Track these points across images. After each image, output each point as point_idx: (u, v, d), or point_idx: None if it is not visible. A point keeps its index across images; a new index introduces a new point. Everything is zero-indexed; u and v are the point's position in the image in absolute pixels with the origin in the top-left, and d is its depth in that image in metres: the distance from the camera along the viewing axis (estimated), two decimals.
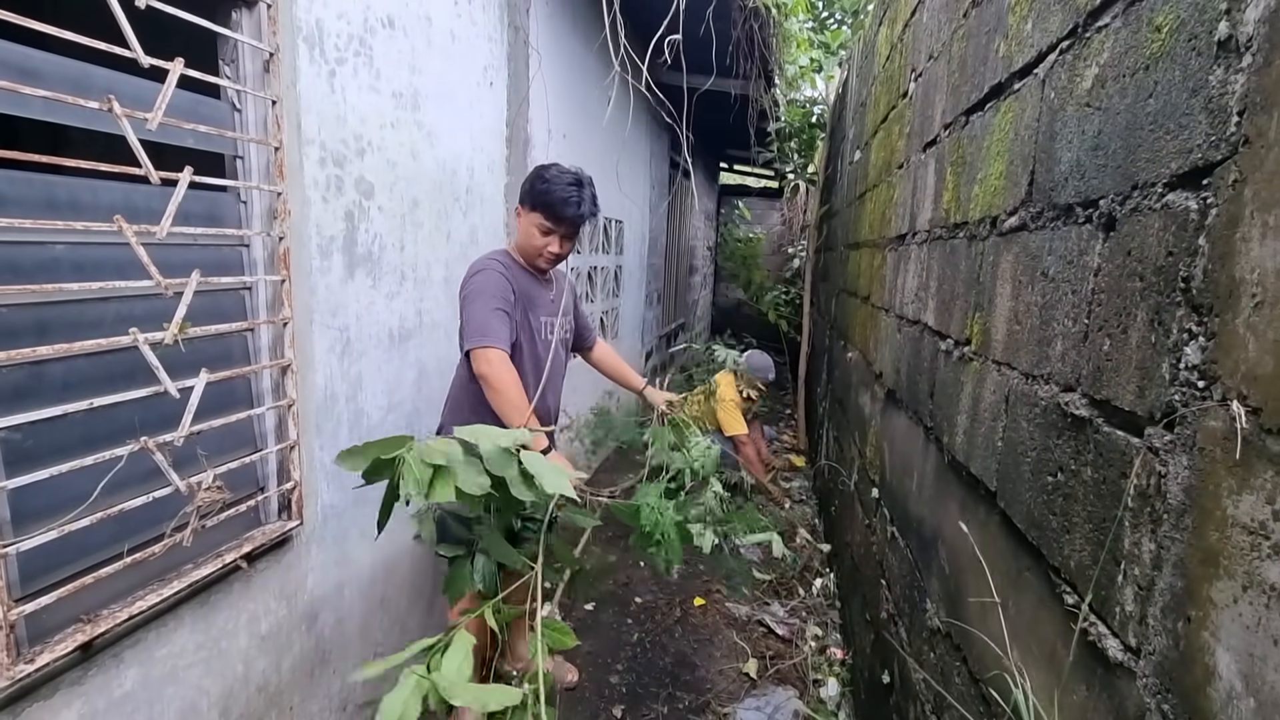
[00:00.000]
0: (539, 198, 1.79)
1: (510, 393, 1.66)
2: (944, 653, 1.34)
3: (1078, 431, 0.84)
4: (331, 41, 1.62)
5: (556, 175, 1.80)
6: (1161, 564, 0.65)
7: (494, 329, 1.69)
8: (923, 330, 1.67)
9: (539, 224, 1.82)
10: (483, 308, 1.72)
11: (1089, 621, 0.78)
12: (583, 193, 1.80)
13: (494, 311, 1.72)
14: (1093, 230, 0.84)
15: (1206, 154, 0.62)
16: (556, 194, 1.78)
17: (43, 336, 1.08)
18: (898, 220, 2.11)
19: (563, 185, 1.78)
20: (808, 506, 4.02)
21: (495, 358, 1.67)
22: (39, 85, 1.02)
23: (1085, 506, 0.81)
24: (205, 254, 1.38)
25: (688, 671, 2.44)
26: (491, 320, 1.70)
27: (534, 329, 1.89)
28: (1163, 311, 0.67)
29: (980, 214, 1.28)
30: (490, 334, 1.68)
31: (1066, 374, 0.88)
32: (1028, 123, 1.07)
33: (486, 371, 1.67)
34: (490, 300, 1.73)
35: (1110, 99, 0.81)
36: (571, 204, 1.79)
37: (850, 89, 3.78)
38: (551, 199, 1.78)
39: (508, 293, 1.77)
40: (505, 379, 1.66)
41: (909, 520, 1.70)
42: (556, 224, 1.81)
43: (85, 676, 1.16)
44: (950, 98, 1.55)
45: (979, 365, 1.23)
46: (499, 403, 1.67)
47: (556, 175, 1.80)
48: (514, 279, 1.82)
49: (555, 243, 1.85)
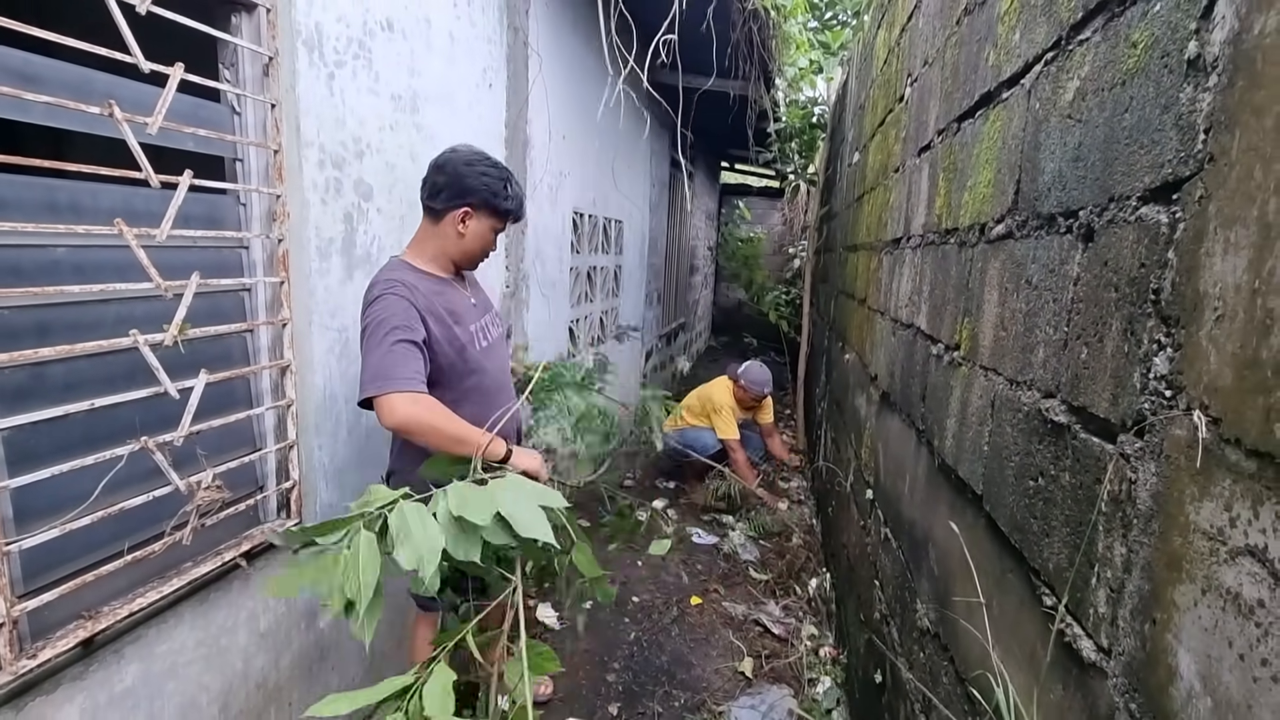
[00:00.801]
0: (499, 201, 1.61)
1: (441, 427, 1.41)
2: (933, 653, 1.36)
3: (1057, 437, 0.85)
4: (330, 45, 1.64)
5: (485, 168, 1.61)
6: (1131, 567, 0.67)
7: (394, 370, 1.41)
8: (916, 334, 1.69)
9: (491, 226, 1.66)
10: (378, 346, 1.43)
11: (1065, 622, 0.79)
12: (506, 171, 1.65)
13: (393, 348, 1.43)
14: (1073, 240, 0.85)
15: (1176, 169, 0.64)
16: (515, 196, 1.66)
17: (45, 338, 1.10)
18: (893, 224, 2.13)
19: (498, 177, 1.62)
20: (806, 507, 4.04)
21: (399, 404, 1.39)
22: (40, 91, 1.04)
23: (1063, 510, 0.83)
24: (205, 256, 1.40)
25: (684, 670, 2.46)
26: (388, 360, 1.42)
27: (465, 342, 1.63)
28: (1135, 322, 0.69)
29: (970, 220, 1.29)
30: (391, 377, 1.41)
31: (1047, 381, 0.89)
32: (1015, 132, 1.08)
33: (397, 423, 1.40)
34: (386, 335, 1.44)
35: (1090, 111, 0.83)
36: (518, 193, 1.67)
37: (850, 91, 3.80)
38: (512, 203, 1.65)
39: (411, 318, 1.48)
40: (424, 419, 1.41)
41: (901, 522, 1.71)
42: (509, 220, 1.69)
43: (87, 672, 1.18)
44: (943, 104, 1.57)
45: (967, 370, 1.25)
46: (436, 444, 1.42)
47: (485, 168, 1.61)
48: (423, 296, 1.53)
49: (494, 241, 1.72)
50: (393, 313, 1.46)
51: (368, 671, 2.04)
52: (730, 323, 11.07)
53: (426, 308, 1.53)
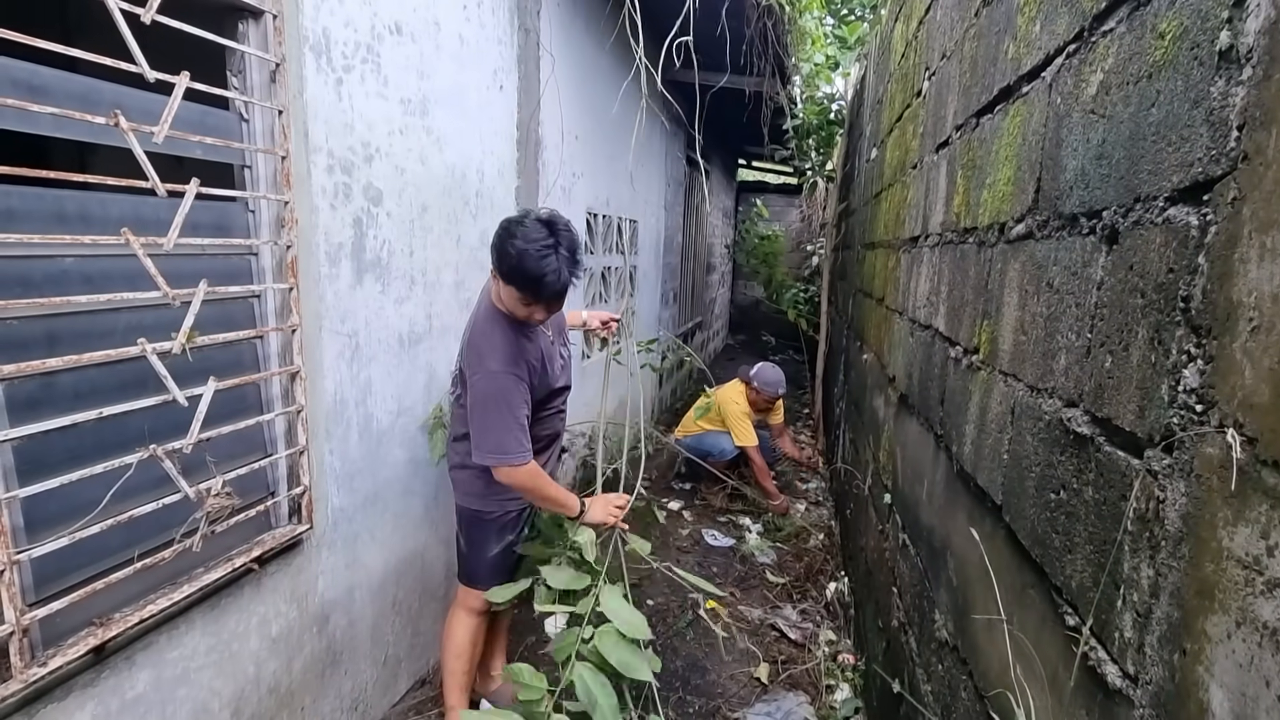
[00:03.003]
0: (513, 273, 1.57)
1: (539, 492, 1.74)
2: (951, 666, 1.32)
3: (1080, 449, 0.81)
4: (339, 50, 1.64)
5: (525, 245, 1.55)
6: (1159, 592, 0.63)
7: (513, 447, 1.67)
8: (934, 335, 1.64)
9: (518, 298, 1.63)
10: (500, 426, 1.67)
11: (1089, 645, 0.75)
12: (559, 256, 1.57)
13: (512, 429, 1.67)
14: (1096, 242, 0.81)
15: (1207, 168, 0.59)
16: (530, 270, 1.55)
17: (53, 348, 1.11)
18: (911, 221, 2.07)
19: (535, 257, 1.54)
20: (824, 508, 3.98)
21: (520, 473, 1.69)
22: (47, 102, 1.05)
23: (1087, 527, 0.79)
24: (214, 263, 1.40)
25: (698, 675, 2.44)
26: (508, 439, 1.66)
27: (549, 377, 1.83)
28: (1163, 330, 0.65)
29: (989, 220, 1.25)
30: (509, 452, 1.67)
31: (1070, 389, 0.85)
32: (1035, 128, 1.04)
33: (511, 483, 1.71)
34: (506, 416, 1.67)
35: (1114, 106, 0.78)
36: (550, 280, 1.57)
37: (868, 85, 3.73)
38: (527, 275, 1.56)
39: (524, 397, 1.71)
40: (527, 484, 1.72)
41: (920, 528, 1.67)
42: (536, 300, 1.63)
43: (98, 679, 1.19)
44: (962, 98, 1.52)
45: (986, 375, 1.20)
46: (535, 500, 1.80)
47: (525, 245, 1.55)
48: (521, 360, 1.70)
49: (539, 311, 1.67)
50: (510, 392, 1.69)
51: (381, 676, 2.04)
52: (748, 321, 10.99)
53: (529, 370, 1.74)
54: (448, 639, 1.93)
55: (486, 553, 1.85)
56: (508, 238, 1.58)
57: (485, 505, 1.84)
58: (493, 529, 1.85)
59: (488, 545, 1.85)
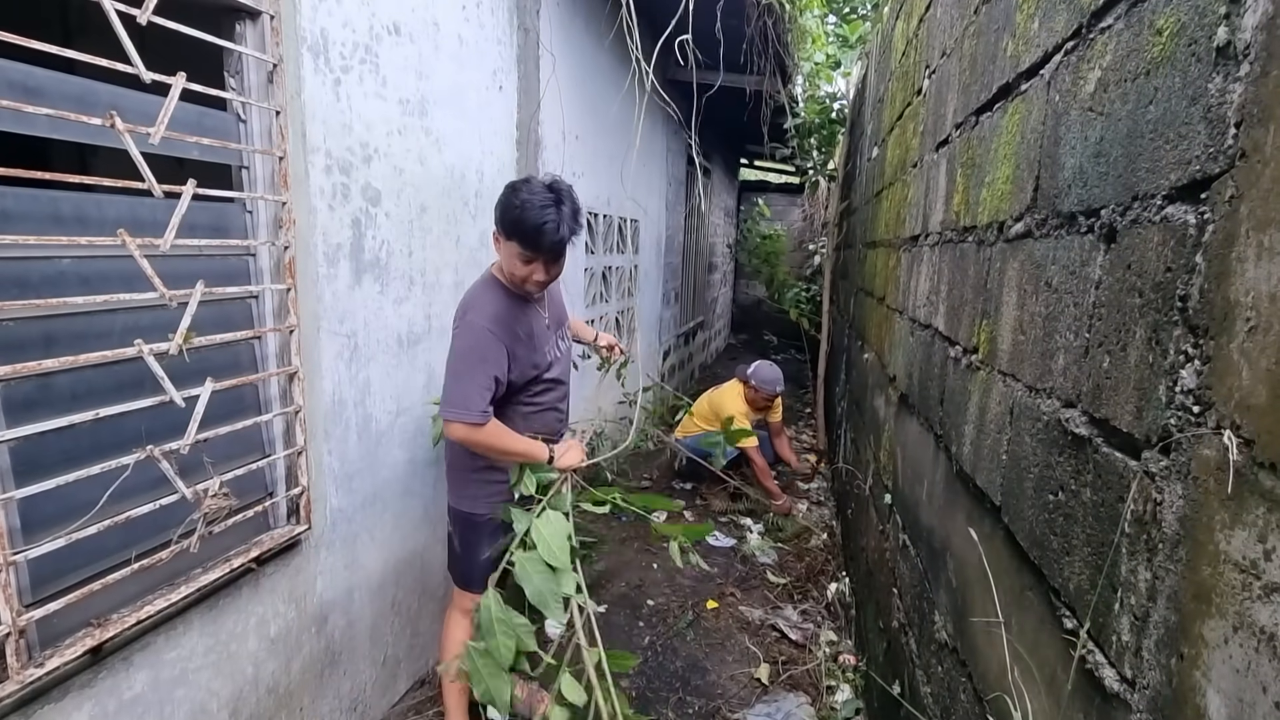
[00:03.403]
0: (513, 226, 1.60)
1: (494, 446, 1.68)
2: (950, 668, 1.31)
3: (1078, 450, 0.81)
4: (336, 50, 1.63)
5: (529, 196, 1.59)
6: (1156, 595, 0.62)
7: (475, 403, 1.62)
8: (934, 335, 1.63)
9: (518, 253, 1.63)
10: (468, 377, 1.63)
11: (1087, 648, 0.75)
12: (560, 212, 1.59)
13: (479, 385, 1.63)
14: (1094, 241, 0.80)
15: (1205, 166, 0.59)
16: (531, 220, 1.57)
17: (50, 349, 1.11)
18: (911, 220, 2.07)
19: (537, 208, 1.57)
20: (826, 508, 3.97)
21: (479, 433, 1.64)
22: (42, 103, 1.05)
23: (1084, 528, 0.78)
24: (211, 264, 1.40)
25: (699, 676, 2.43)
26: (473, 394, 1.62)
27: (539, 361, 1.79)
28: (1160, 330, 0.64)
29: (988, 218, 1.24)
30: (472, 409, 1.62)
31: (1068, 389, 0.84)
32: (1034, 126, 1.03)
33: (459, 439, 1.66)
34: (476, 370, 1.63)
35: (1113, 104, 0.78)
36: (549, 230, 1.58)
37: (869, 84, 3.71)
38: (526, 226, 1.58)
39: (500, 356, 1.67)
40: (480, 440, 1.65)
41: (920, 529, 1.66)
42: (536, 252, 1.62)
43: (95, 679, 1.19)
44: (961, 96, 1.51)
45: (986, 375, 1.19)
46: (501, 459, 1.74)
47: (529, 196, 1.59)
48: (508, 325, 1.70)
49: (539, 270, 1.66)
50: (487, 348, 1.66)
51: (380, 677, 2.04)
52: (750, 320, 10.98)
53: (512, 337, 1.71)
54: (444, 643, 1.93)
55: (479, 555, 1.83)
56: (512, 194, 1.62)
57: (476, 507, 1.81)
58: (485, 531, 1.82)
59: (480, 547, 1.83)
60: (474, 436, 1.64)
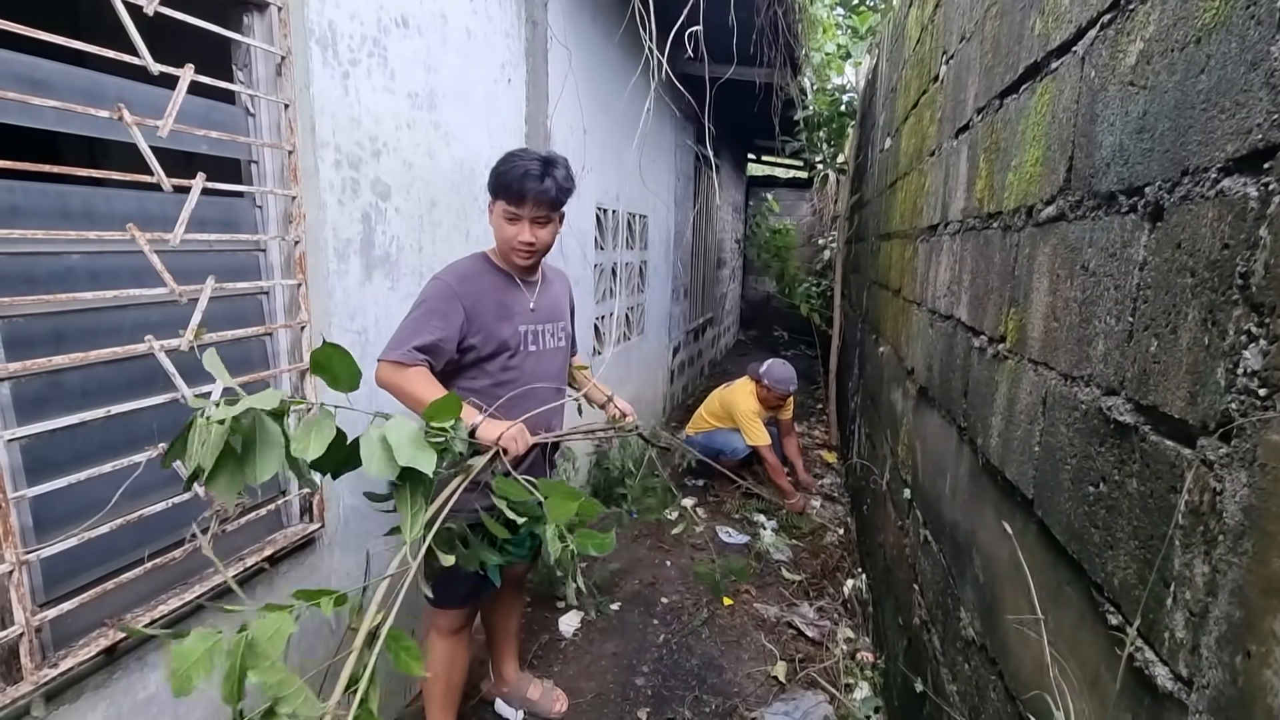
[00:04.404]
0: (498, 180, 1.59)
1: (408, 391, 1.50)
2: (979, 665, 1.27)
3: (1121, 439, 0.77)
4: (345, 43, 1.61)
5: (518, 155, 1.60)
6: (1217, 590, 0.59)
7: (404, 342, 1.53)
8: (955, 326, 1.60)
9: (503, 211, 1.60)
10: (409, 323, 1.57)
11: (1135, 646, 0.71)
12: (548, 168, 1.58)
13: (417, 329, 1.55)
14: (1137, 220, 0.77)
15: (1268, 134, 0.55)
16: (514, 171, 1.56)
17: (60, 345, 1.09)
18: (929, 210, 2.03)
19: (523, 162, 1.57)
20: (840, 504, 3.94)
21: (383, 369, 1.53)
22: (49, 95, 1.03)
23: (1130, 521, 0.75)
24: (221, 260, 1.38)
25: (715, 674, 2.40)
26: (406, 335, 1.54)
27: (505, 337, 1.66)
28: (1217, 310, 0.61)
29: (1015, 203, 1.20)
30: (398, 346, 1.52)
31: (1109, 376, 0.81)
32: (1066, 105, 1.00)
33: (386, 379, 1.53)
34: (421, 318, 1.56)
35: (1157, 76, 0.74)
36: (532, 178, 1.55)
37: (880, 74, 3.67)
38: (508, 178, 1.56)
39: (453, 313, 1.58)
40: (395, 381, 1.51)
41: (942, 524, 1.63)
42: (519, 205, 1.58)
43: (110, 680, 1.18)
44: (983, 80, 1.47)
45: (1014, 364, 1.16)
46: (407, 406, 1.52)
47: (518, 155, 1.60)
48: (476, 289, 1.63)
49: (524, 229, 1.61)
50: (439, 300, 1.58)
51: (395, 676, 2.03)
52: (759, 316, 10.92)
53: (472, 295, 1.61)
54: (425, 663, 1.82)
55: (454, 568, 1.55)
56: (500, 161, 1.61)
57: None
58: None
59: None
60: (394, 378, 1.51)
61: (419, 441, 1.19)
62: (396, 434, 1.16)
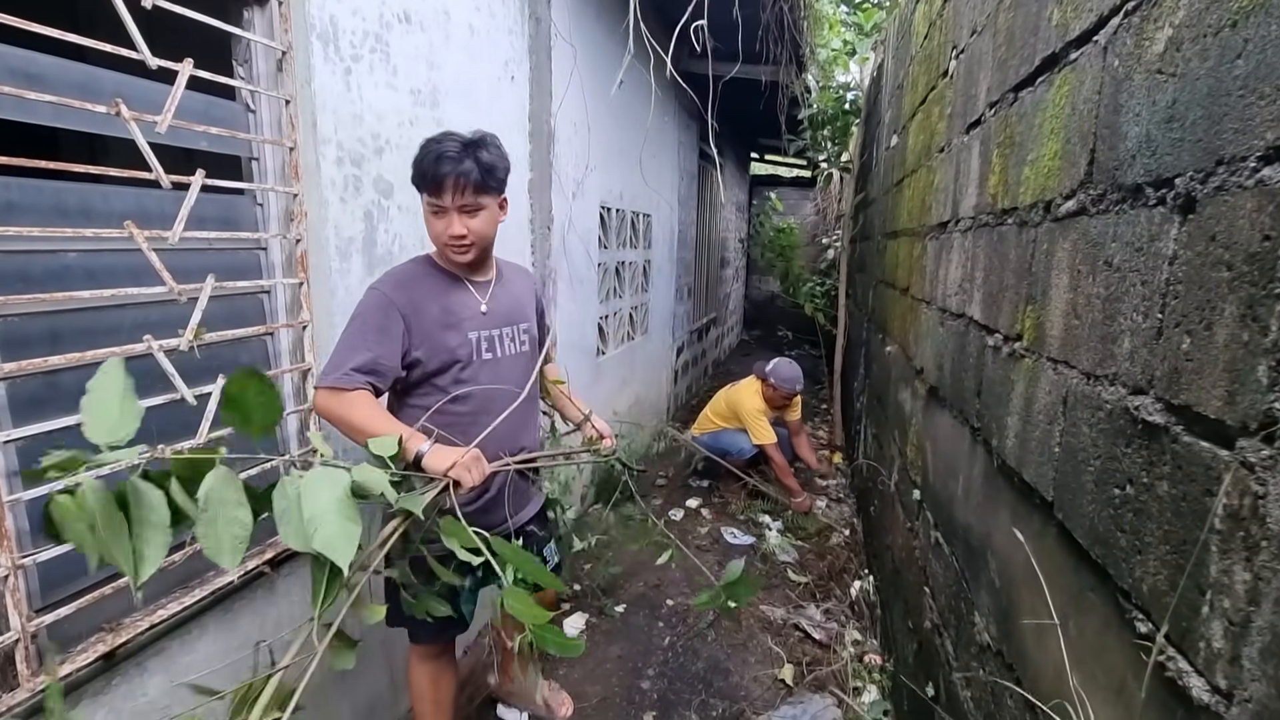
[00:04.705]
0: (414, 169, 1.43)
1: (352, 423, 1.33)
2: (994, 670, 1.25)
3: (1150, 440, 0.74)
4: (346, 39, 1.59)
5: (436, 138, 1.43)
6: (1259, 598, 0.56)
7: (341, 365, 1.36)
8: (968, 324, 1.57)
9: (427, 204, 1.45)
10: (344, 342, 1.40)
11: (1167, 655, 0.69)
12: (469, 148, 1.41)
13: (356, 348, 1.38)
14: (1166, 213, 0.74)
15: None
16: (428, 155, 1.39)
17: (56, 345, 1.07)
18: (939, 207, 2.00)
19: (438, 144, 1.40)
20: (846, 505, 3.90)
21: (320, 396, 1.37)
22: (45, 90, 1.01)
23: (1160, 525, 0.72)
24: (221, 258, 1.36)
25: (721, 677, 2.38)
26: (343, 357, 1.38)
27: (454, 347, 1.48)
28: (1257, 305, 0.58)
29: (1032, 198, 1.17)
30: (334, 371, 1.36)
31: (1136, 375, 0.78)
32: (1087, 96, 0.97)
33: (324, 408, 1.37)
34: (356, 334, 1.40)
35: (1188, 63, 0.71)
36: (448, 159, 1.37)
37: (886, 72, 3.64)
38: (423, 165, 1.40)
39: (390, 325, 1.41)
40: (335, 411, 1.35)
41: (954, 526, 1.60)
42: (438, 194, 1.40)
43: (109, 686, 1.16)
44: (996, 74, 1.44)
45: (1032, 363, 1.13)
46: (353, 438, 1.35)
47: (436, 138, 1.43)
48: (415, 296, 1.45)
49: (452, 221, 1.43)
50: (363, 307, 1.43)
51: (394, 682, 2.00)
52: (763, 316, 10.89)
53: (411, 303, 1.44)
54: (408, 686, 1.77)
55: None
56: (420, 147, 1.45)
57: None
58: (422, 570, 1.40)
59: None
60: (332, 406, 1.34)
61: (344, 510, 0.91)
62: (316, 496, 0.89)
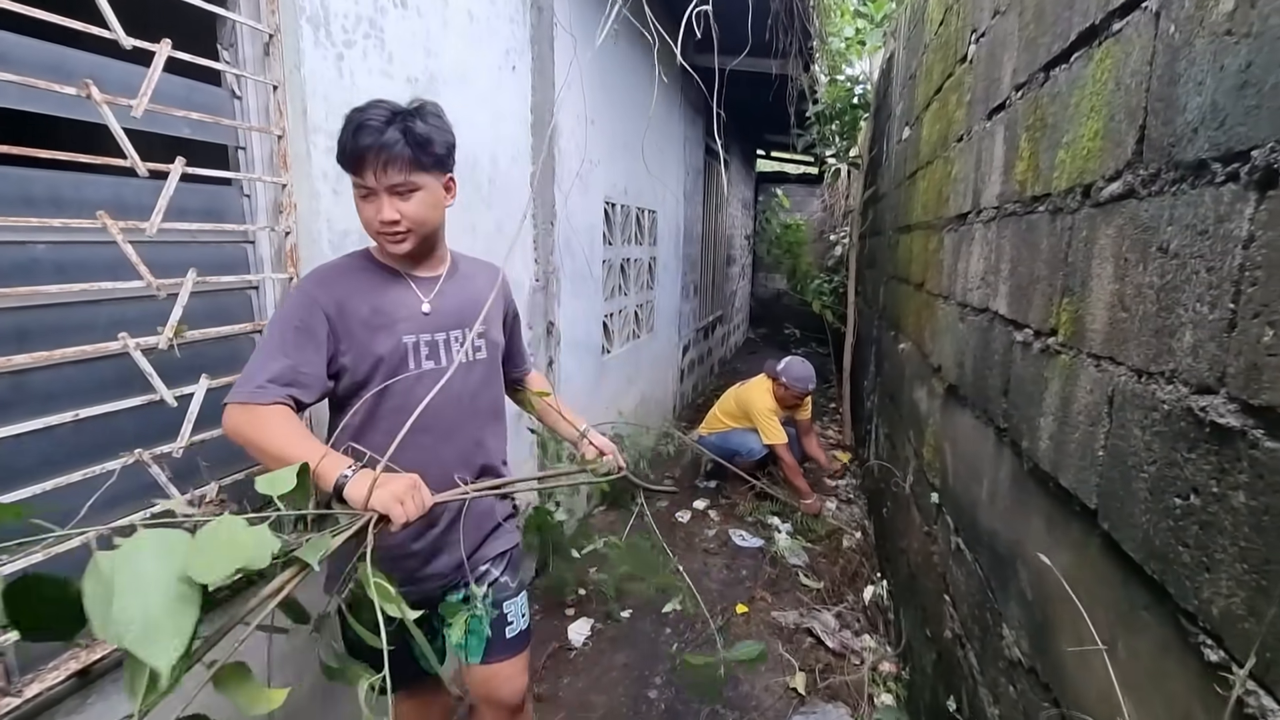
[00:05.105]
0: (337, 147, 1.21)
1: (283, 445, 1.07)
2: (1026, 689, 1.17)
3: (1222, 444, 0.66)
4: (338, 22, 1.52)
5: (361, 106, 1.20)
6: None
7: (253, 378, 1.13)
8: (992, 319, 1.49)
9: (354, 186, 1.23)
10: (261, 349, 1.18)
11: (1248, 689, 0.61)
12: (397, 117, 1.18)
13: (273, 355, 1.16)
14: (1239, 190, 0.66)
15: None
16: (348, 128, 1.18)
17: (23, 343, 1.00)
18: (957, 198, 1.91)
19: (361, 114, 1.18)
20: (856, 506, 3.82)
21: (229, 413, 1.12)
22: (8, 70, 0.94)
23: (1234, 540, 0.64)
24: (205, 252, 1.29)
25: (730, 686, 2.30)
26: (257, 367, 1.15)
27: (383, 354, 1.24)
28: None
29: (1068, 183, 1.09)
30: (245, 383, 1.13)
31: (1201, 372, 0.70)
32: (1135, 68, 0.89)
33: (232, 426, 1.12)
34: (273, 340, 1.17)
35: (1264, 20, 0.63)
36: (370, 130, 1.15)
37: (897, 63, 3.55)
38: (341, 139, 1.19)
39: (312, 324, 1.19)
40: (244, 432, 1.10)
41: (978, 532, 1.52)
42: (360, 172, 1.18)
43: (84, 705, 1.09)
44: (1024, 54, 1.36)
45: (1069, 359, 1.05)
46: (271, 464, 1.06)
47: (361, 106, 1.20)
48: (341, 292, 1.23)
49: (382, 205, 1.20)
50: (294, 311, 1.20)
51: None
52: (769, 314, 10.80)
53: (337, 301, 1.22)
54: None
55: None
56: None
57: None
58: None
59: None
60: (242, 426, 1.10)
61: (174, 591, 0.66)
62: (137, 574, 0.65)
